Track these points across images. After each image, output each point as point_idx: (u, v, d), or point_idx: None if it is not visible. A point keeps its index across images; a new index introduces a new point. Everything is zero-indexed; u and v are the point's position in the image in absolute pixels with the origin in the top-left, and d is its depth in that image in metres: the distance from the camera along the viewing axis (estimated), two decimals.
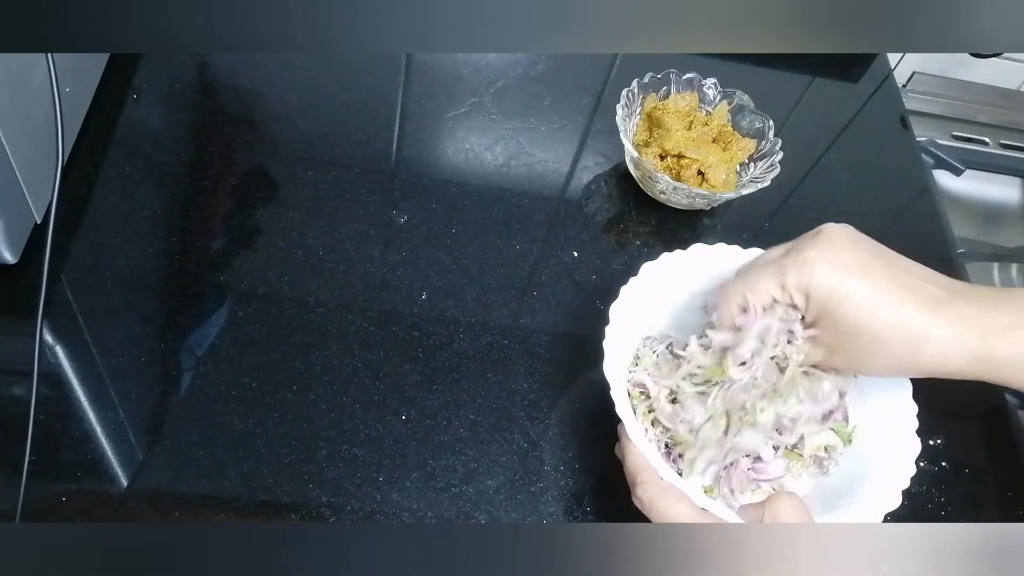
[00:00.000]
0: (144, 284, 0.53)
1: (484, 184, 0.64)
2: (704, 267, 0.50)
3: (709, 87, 0.66)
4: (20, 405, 0.46)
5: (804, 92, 0.79)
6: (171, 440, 0.47)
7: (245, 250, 0.56)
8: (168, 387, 0.49)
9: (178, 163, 0.60)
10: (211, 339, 0.52)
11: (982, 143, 0.97)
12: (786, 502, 0.39)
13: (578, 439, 0.51)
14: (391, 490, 0.48)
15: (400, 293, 0.56)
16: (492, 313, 0.56)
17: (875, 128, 0.77)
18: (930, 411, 0.45)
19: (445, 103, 0.69)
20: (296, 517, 0.46)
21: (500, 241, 0.60)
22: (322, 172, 0.62)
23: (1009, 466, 0.56)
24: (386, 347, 0.53)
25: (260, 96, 0.66)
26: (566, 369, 0.54)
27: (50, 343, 0.50)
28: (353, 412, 0.50)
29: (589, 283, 0.59)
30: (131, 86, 0.64)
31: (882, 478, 0.43)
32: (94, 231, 0.55)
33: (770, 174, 0.61)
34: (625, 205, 0.65)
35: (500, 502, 0.48)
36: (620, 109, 0.62)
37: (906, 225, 0.70)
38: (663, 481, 0.40)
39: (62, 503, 0.44)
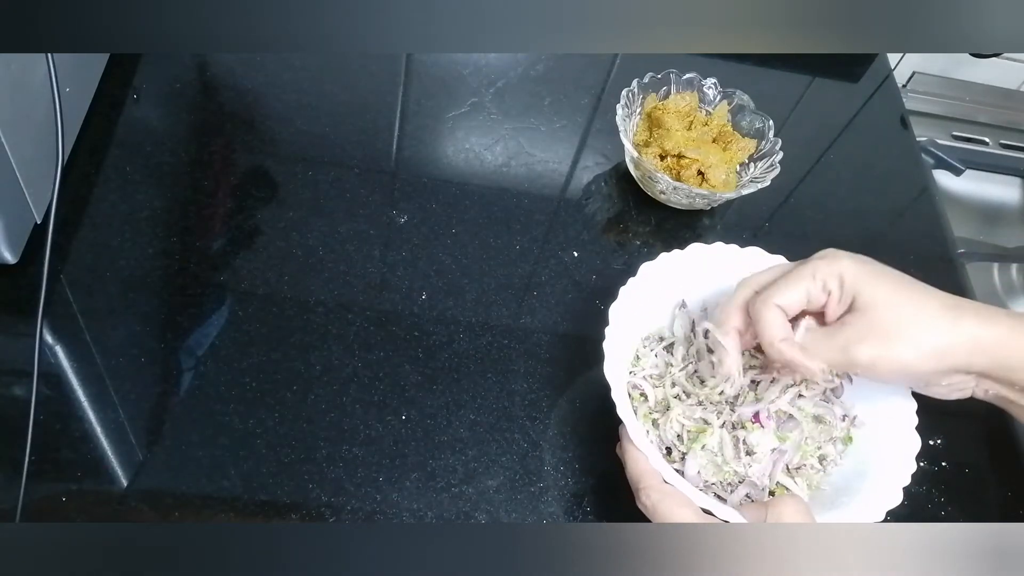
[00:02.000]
0: (144, 284, 0.53)
1: (484, 184, 0.64)
2: (702, 267, 0.50)
3: (709, 87, 0.66)
4: (20, 405, 0.46)
5: (804, 92, 0.79)
6: (171, 440, 0.47)
7: (245, 250, 0.56)
8: (168, 387, 0.49)
9: (178, 163, 0.60)
10: (211, 339, 0.52)
11: (982, 143, 0.97)
12: (790, 505, 0.39)
13: (578, 439, 0.51)
14: (391, 490, 0.48)
15: (400, 293, 0.56)
16: (492, 313, 0.56)
17: (875, 128, 0.77)
18: (930, 411, 0.45)
19: (445, 103, 0.69)
20: (296, 517, 0.46)
21: (500, 241, 0.60)
22: (322, 172, 0.62)
23: (1009, 466, 0.56)
24: (386, 347, 0.53)
25: (260, 96, 0.66)
26: (566, 369, 0.54)
27: (50, 343, 0.50)
28: (353, 412, 0.50)
29: (589, 283, 0.59)
30: (131, 86, 0.64)
31: (883, 476, 0.43)
32: (94, 231, 0.55)
33: (770, 174, 0.61)
34: (625, 205, 0.65)
35: (500, 502, 0.48)
36: (620, 109, 0.62)
37: (906, 225, 0.70)
38: (667, 485, 0.40)
39: (62, 503, 0.44)
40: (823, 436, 0.46)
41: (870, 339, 0.40)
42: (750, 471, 0.44)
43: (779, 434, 0.45)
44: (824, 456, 0.46)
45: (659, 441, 0.46)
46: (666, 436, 0.45)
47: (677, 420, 0.45)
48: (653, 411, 0.47)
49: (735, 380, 0.44)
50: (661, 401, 0.47)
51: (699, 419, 0.45)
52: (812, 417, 0.46)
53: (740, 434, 0.44)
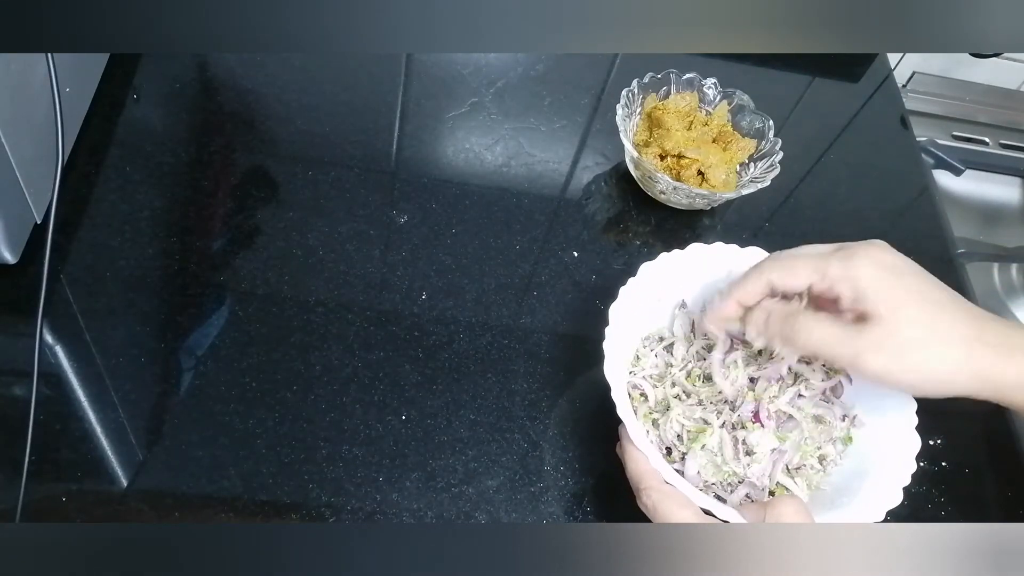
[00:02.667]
0: (144, 284, 0.53)
1: (484, 184, 0.64)
2: (703, 267, 0.50)
3: (709, 87, 0.66)
4: (20, 405, 0.46)
5: (804, 92, 0.79)
6: (171, 440, 0.47)
7: (245, 250, 0.56)
8: (168, 387, 0.49)
9: (178, 163, 0.60)
10: (211, 339, 0.52)
11: (982, 143, 0.97)
12: (789, 505, 0.39)
13: (578, 439, 0.51)
14: (391, 490, 0.48)
15: (400, 293, 0.56)
16: (492, 313, 0.56)
17: (875, 128, 0.77)
18: (930, 411, 0.45)
19: (445, 103, 0.69)
20: (296, 517, 0.46)
21: (500, 241, 0.60)
22: (322, 172, 0.62)
23: (1009, 466, 0.56)
24: (386, 347, 0.53)
25: (260, 96, 0.66)
26: (566, 369, 0.54)
27: (50, 343, 0.50)
28: (353, 412, 0.50)
29: (589, 283, 0.59)
30: (131, 86, 0.64)
31: (883, 476, 0.43)
32: (94, 231, 0.55)
33: (770, 174, 0.61)
34: (625, 205, 0.65)
35: (500, 502, 0.48)
36: (620, 109, 0.62)
37: (906, 225, 0.70)
38: (667, 486, 0.40)
39: (62, 503, 0.44)
40: (823, 436, 0.46)
41: (883, 354, 0.40)
42: (749, 471, 0.44)
43: (779, 434, 0.45)
44: (824, 456, 0.46)
45: (659, 441, 0.46)
46: (666, 436, 0.45)
47: (677, 420, 0.45)
48: (653, 411, 0.47)
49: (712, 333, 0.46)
50: (661, 401, 0.47)
51: (699, 419, 0.45)
52: (812, 417, 0.46)
53: (740, 434, 0.44)
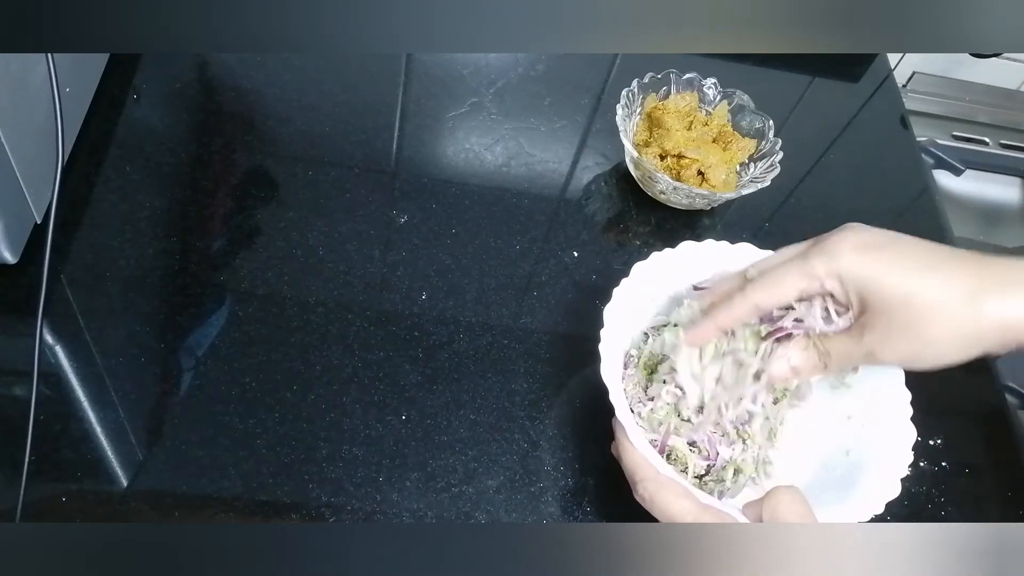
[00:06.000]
0: (144, 284, 0.53)
1: (484, 184, 0.64)
2: (695, 264, 0.50)
3: (709, 87, 0.66)
4: (20, 405, 0.46)
5: (804, 92, 0.79)
6: (171, 440, 0.47)
7: (245, 250, 0.56)
8: (168, 387, 0.49)
9: (178, 163, 0.60)
10: (211, 339, 0.52)
11: (982, 143, 0.97)
12: (785, 494, 0.39)
13: (578, 439, 0.51)
14: (391, 490, 0.48)
15: (400, 293, 0.56)
16: (492, 313, 0.56)
17: (875, 128, 0.77)
18: (930, 411, 0.45)
19: (445, 103, 0.69)
20: (296, 517, 0.46)
21: (500, 241, 0.60)
22: (322, 172, 0.62)
23: (1009, 466, 0.56)
24: (386, 347, 0.53)
25: (260, 96, 0.66)
26: (566, 369, 0.54)
27: (50, 343, 0.50)
28: (353, 412, 0.50)
29: (589, 283, 0.59)
30: (131, 86, 0.64)
31: (881, 468, 0.43)
32: (94, 231, 0.55)
33: (770, 174, 0.61)
34: (625, 205, 0.65)
35: (500, 502, 0.48)
36: (620, 109, 0.62)
37: (906, 225, 0.70)
38: (663, 476, 0.40)
39: (62, 503, 0.44)
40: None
41: (893, 341, 0.39)
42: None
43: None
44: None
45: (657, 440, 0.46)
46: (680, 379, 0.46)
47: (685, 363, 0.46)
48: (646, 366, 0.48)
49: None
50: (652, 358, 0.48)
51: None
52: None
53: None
